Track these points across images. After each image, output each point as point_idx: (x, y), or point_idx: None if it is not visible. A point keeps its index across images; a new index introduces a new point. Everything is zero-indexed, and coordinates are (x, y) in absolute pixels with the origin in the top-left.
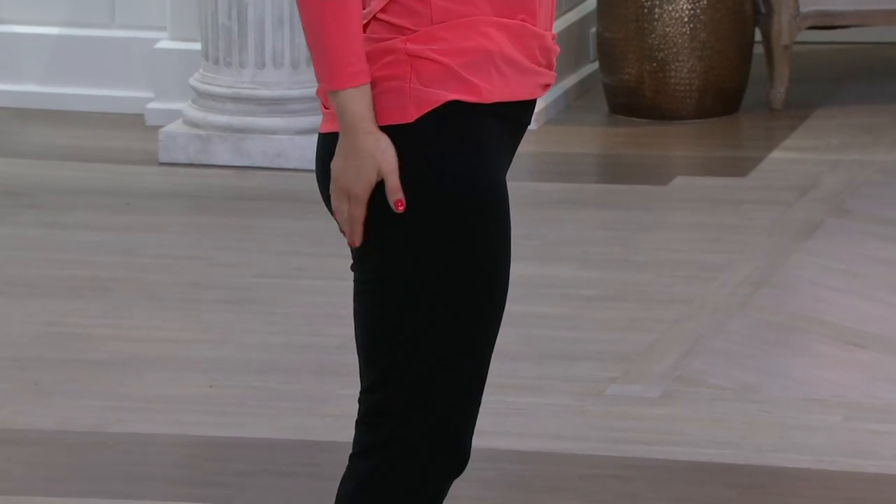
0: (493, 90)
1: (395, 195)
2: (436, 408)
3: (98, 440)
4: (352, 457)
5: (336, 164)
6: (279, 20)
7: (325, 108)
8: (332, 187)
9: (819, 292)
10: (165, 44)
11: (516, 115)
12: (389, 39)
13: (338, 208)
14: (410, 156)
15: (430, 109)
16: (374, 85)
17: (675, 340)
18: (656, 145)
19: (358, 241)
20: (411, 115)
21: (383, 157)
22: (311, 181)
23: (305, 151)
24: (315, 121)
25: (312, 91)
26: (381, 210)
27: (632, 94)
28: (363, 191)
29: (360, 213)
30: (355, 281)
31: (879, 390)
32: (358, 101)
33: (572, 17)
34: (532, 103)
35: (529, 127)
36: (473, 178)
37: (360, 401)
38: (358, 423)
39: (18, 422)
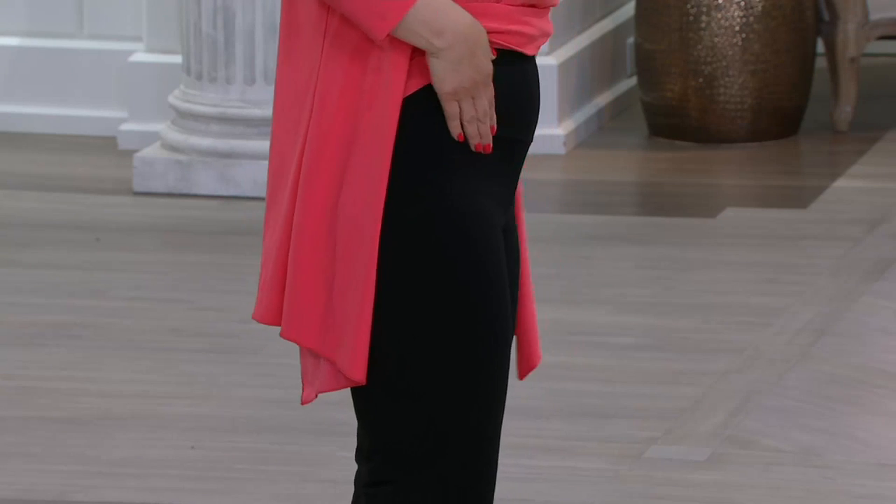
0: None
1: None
2: (439, 471)
3: None
4: None
5: (450, 78)
6: (271, 30)
7: None
8: (450, 105)
9: (890, 341)
10: (141, 56)
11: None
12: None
13: (469, 117)
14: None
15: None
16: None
17: (725, 396)
18: (703, 172)
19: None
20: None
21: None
22: None
23: None
24: None
25: None
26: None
27: (675, 113)
28: (486, 75)
29: (490, 92)
30: None
31: None
32: (427, 5)
33: (607, 25)
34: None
35: (556, 151)
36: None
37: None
38: (356, 494)
39: None
